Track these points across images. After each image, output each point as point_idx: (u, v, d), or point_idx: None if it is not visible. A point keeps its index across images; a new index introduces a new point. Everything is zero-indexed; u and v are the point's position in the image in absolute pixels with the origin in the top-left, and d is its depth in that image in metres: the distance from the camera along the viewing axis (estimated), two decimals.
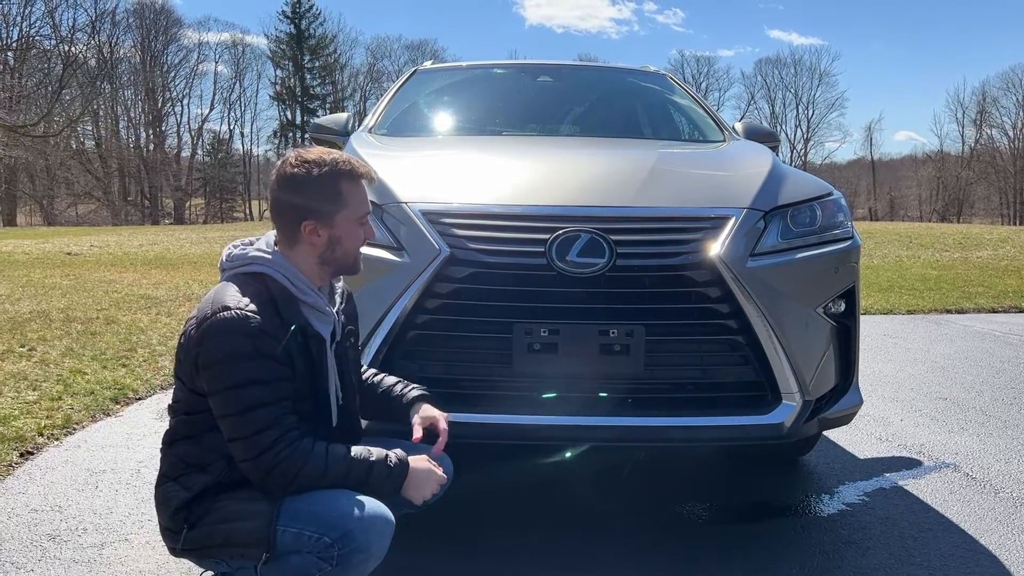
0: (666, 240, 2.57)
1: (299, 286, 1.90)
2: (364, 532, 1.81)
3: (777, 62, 63.94)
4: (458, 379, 2.58)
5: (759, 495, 3.15)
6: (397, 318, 2.52)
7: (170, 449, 1.96)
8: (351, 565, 1.81)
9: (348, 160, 1.94)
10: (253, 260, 1.91)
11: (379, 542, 1.84)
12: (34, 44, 42.68)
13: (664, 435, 2.61)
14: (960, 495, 3.13)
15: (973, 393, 4.77)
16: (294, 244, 1.93)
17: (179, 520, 1.89)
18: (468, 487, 3.13)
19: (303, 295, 1.91)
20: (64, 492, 3.13)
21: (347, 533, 1.80)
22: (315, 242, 1.92)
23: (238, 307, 1.80)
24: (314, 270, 1.95)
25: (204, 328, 1.80)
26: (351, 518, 1.81)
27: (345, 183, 1.92)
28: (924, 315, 8.08)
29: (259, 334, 1.79)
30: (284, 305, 1.87)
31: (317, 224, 1.91)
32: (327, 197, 1.91)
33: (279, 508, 1.83)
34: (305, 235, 1.91)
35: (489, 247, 2.53)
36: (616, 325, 2.50)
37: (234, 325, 1.78)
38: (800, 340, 2.63)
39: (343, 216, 1.93)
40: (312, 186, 1.89)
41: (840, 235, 2.86)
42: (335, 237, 1.93)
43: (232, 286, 1.87)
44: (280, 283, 1.89)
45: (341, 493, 1.85)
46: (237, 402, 1.78)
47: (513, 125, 4.08)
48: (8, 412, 3.98)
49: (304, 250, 1.93)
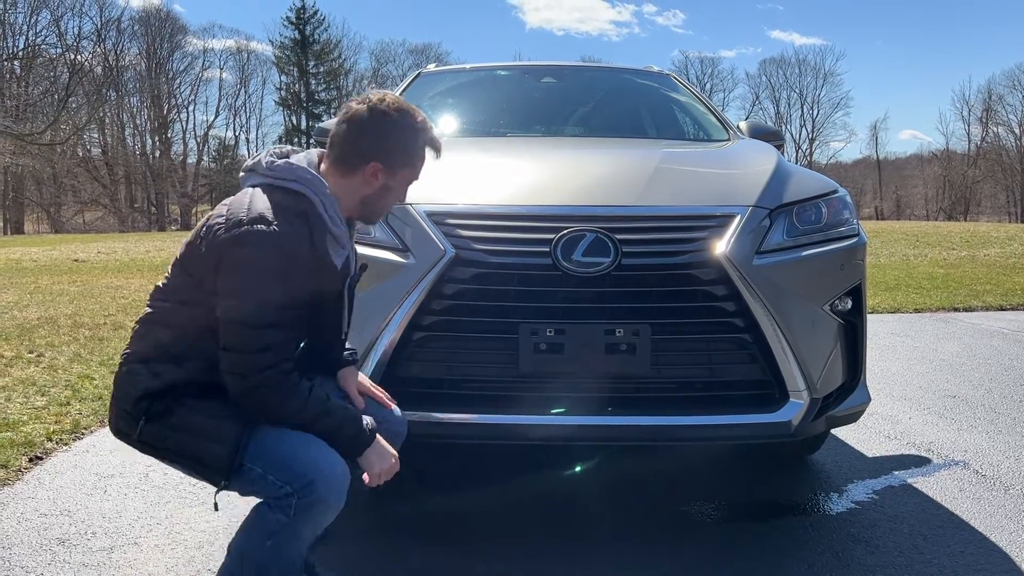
0: (671, 239, 2.57)
1: (332, 216, 1.90)
2: (325, 483, 1.83)
3: (781, 62, 63.88)
4: (464, 380, 2.58)
5: (768, 494, 3.14)
6: (403, 319, 2.52)
7: (149, 331, 1.91)
8: (309, 517, 1.84)
9: (430, 127, 1.99)
10: (299, 179, 1.89)
11: (338, 494, 1.86)
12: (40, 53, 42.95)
13: (671, 434, 2.60)
14: (970, 492, 3.11)
15: (982, 391, 4.75)
16: (349, 175, 1.93)
17: (140, 408, 1.86)
18: (472, 487, 3.14)
19: (333, 225, 1.90)
20: (73, 496, 3.14)
21: (309, 484, 1.81)
22: (371, 183, 1.93)
23: (276, 223, 1.78)
24: (350, 205, 1.96)
25: (237, 234, 1.78)
26: (314, 468, 1.83)
27: (424, 147, 1.97)
28: (932, 313, 8.06)
29: (291, 255, 1.79)
30: (316, 232, 1.87)
31: (383, 169, 1.92)
32: (408, 152, 1.94)
33: (247, 440, 1.82)
34: (367, 172, 1.92)
35: (494, 247, 2.53)
36: (622, 324, 2.50)
37: (269, 241, 1.76)
38: (807, 338, 2.63)
39: (405, 174, 1.97)
40: (401, 133, 1.92)
41: (846, 232, 2.85)
42: (388, 188, 1.96)
43: (273, 199, 1.85)
44: (317, 209, 1.88)
45: (308, 440, 1.86)
46: (251, 315, 1.77)
47: (517, 126, 4.08)
48: (17, 417, 4.00)
49: (355, 185, 1.93)
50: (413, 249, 2.57)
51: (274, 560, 1.86)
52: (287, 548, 1.86)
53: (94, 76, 47.52)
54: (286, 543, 1.85)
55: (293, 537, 1.85)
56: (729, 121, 4.14)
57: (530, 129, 4.06)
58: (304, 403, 1.84)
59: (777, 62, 64.18)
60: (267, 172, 1.91)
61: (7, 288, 9.26)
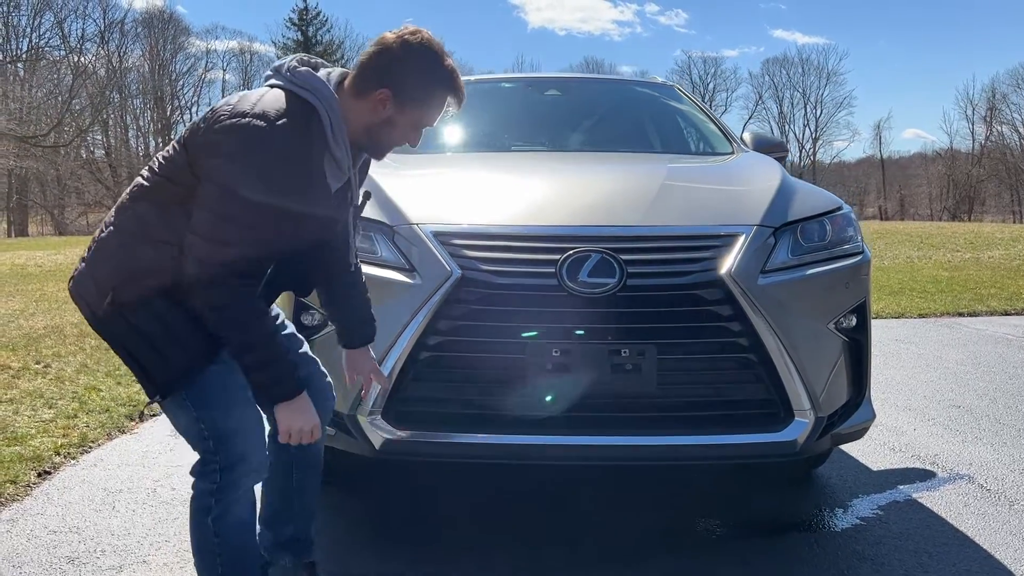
0: (676, 259, 2.58)
1: (336, 135, 1.88)
2: (245, 441, 1.92)
3: (784, 62, 63.81)
4: (471, 400, 2.59)
5: (772, 509, 3.15)
6: (409, 339, 2.53)
7: (133, 204, 1.90)
8: (232, 479, 1.93)
9: (457, 76, 1.93)
10: (313, 89, 1.87)
11: (257, 454, 1.95)
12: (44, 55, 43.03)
13: (677, 454, 2.62)
14: (975, 508, 3.12)
15: (986, 400, 4.76)
16: (359, 97, 1.90)
17: (108, 286, 1.86)
18: (479, 501, 3.15)
19: (335, 145, 1.89)
20: (82, 513, 3.16)
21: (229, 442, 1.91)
22: (378, 111, 1.90)
23: (276, 123, 1.77)
24: (356, 131, 1.93)
25: (239, 125, 1.76)
26: (239, 434, 1.92)
27: (440, 92, 1.92)
28: (936, 318, 8.06)
29: (283, 158, 1.77)
30: (316, 144, 1.86)
31: (391, 97, 1.88)
32: (419, 88, 1.89)
33: (191, 375, 1.86)
34: (375, 98, 1.88)
35: (500, 268, 2.54)
36: (628, 344, 2.51)
37: (264, 137, 1.75)
38: (812, 357, 2.63)
39: (413, 111, 1.91)
40: (419, 68, 1.88)
41: (850, 250, 2.86)
42: (393, 120, 1.91)
43: (282, 101, 1.83)
44: (322, 124, 1.86)
45: (244, 403, 1.93)
46: (230, 205, 1.75)
47: (522, 140, 4.10)
48: (25, 431, 4.02)
49: (363, 110, 1.91)
50: (419, 269, 2.59)
51: (223, 530, 1.96)
52: (228, 515, 1.96)
53: (97, 78, 47.61)
54: (225, 511, 1.95)
55: (230, 504, 1.96)
56: (733, 133, 4.15)
57: (535, 143, 4.07)
58: (247, 321, 1.81)
59: (780, 61, 64.16)
60: (287, 76, 1.89)
61: (13, 295, 9.29)
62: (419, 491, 3.34)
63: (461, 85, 1.95)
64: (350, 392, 2.62)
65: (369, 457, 2.64)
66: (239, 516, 1.99)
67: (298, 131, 1.81)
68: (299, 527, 2.33)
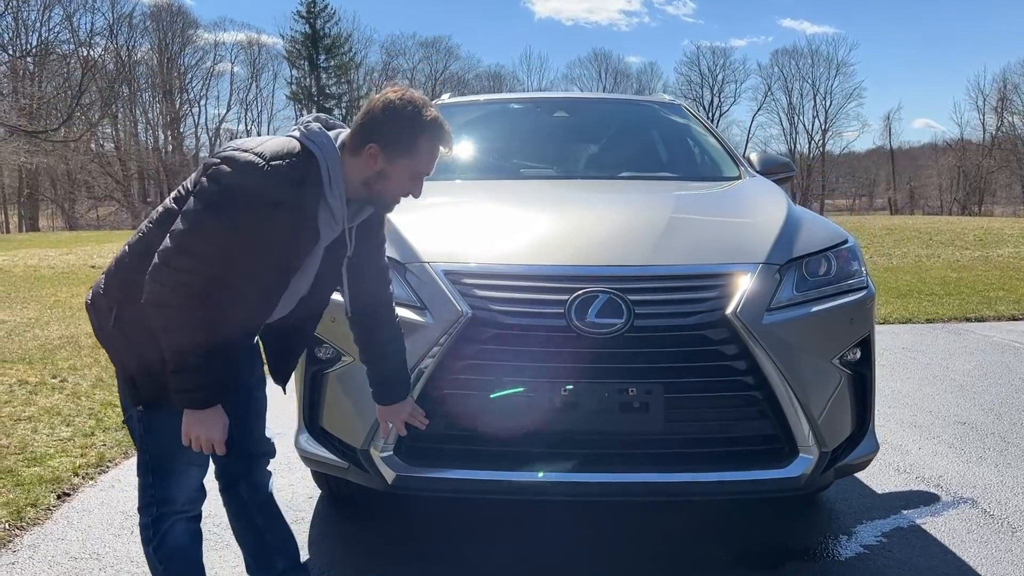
0: (683, 299, 2.63)
1: (334, 186, 1.99)
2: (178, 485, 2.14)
3: (794, 53, 63.41)
4: (482, 438, 2.64)
5: (777, 536, 3.20)
6: (422, 378, 2.59)
7: (149, 229, 2.03)
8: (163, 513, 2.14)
9: (440, 124, 2.02)
10: (318, 142, 1.99)
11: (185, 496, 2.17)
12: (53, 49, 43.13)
13: (683, 490, 2.67)
14: (978, 535, 3.17)
15: (992, 416, 4.79)
16: (355, 155, 2.01)
17: (114, 302, 2.04)
18: (483, 538, 3.20)
19: (329, 194, 1.99)
20: (101, 538, 3.23)
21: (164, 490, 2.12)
22: (369, 165, 2.00)
23: (273, 160, 1.90)
24: (353, 185, 2.04)
25: (233, 156, 1.91)
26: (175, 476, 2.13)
27: (424, 141, 2.01)
28: (943, 324, 8.08)
29: (266, 188, 1.88)
30: (310, 191, 1.96)
31: (380, 152, 1.99)
32: (401, 139, 1.99)
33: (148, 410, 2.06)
34: (365, 154, 1.99)
35: (510, 308, 2.59)
36: (635, 384, 2.57)
37: (252, 170, 1.89)
38: (816, 392, 2.68)
39: (403, 161, 2.01)
40: (398, 121, 1.98)
41: (855, 284, 2.90)
42: (386, 172, 2.01)
43: (288, 146, 1.97)
44: (320, 172, 1.97)
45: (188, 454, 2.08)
46: (198, 222, 1.88)
47: (531, 164, 4.15)
48: (44, 451, 4.10)
49: (357, 164, 2.01)
50: (431, 308, 2.64)
51: (164, 558, 2.16)
52: (165, 544, 2.16)
53: (106, 72, 47.69)
54: (163, 541, 2.16)
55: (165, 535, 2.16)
56: (738, 155, 4.19)
57: (544, 168, 4.12)
58: (184, 322, 1.91)
59: (790, 52, 63.74)
60: (303, 130, 2.03)
61: (28, 302, 9.39)
62: (425, 516, 3.40)
63: (446, 131, 2.05)
64: (363, 427, 2.69)
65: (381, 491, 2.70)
66: (175, 543, 2.18)
67: (293, 174, 1.93)
68: (287, 559, 2.36)
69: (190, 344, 1.93)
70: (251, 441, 2.28)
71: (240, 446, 2.23)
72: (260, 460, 2.32)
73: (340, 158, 2.00)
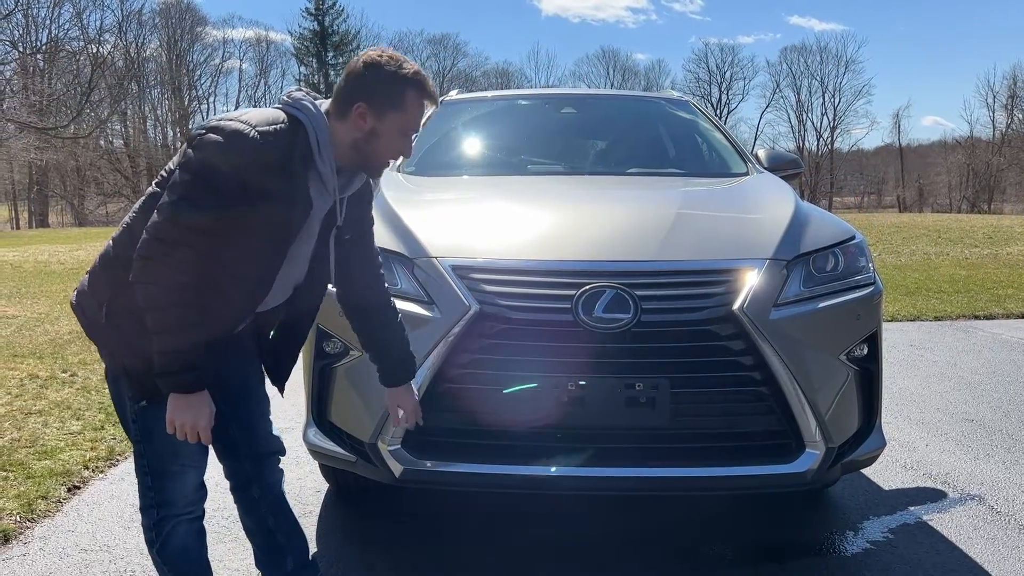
0: (690, 294, 2.64)
1: (322, 150, 1.97)
2: (175, 487, 2.11)
3: (803, 50, 63.06)
4: (489, 432, 2.66)
5: (784, 532, 3.20)
6: (429, 372, 2.60)
7: (134, 219, 1.99)
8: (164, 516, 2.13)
9: (423, 78, 2.03)
10: (303, 108, 1.99)
11: (185, 498, 2.14)
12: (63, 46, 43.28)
13: (690, 485, 2.68)
14: (984, 532, 3.16)
15: (1000, 414, 4.78)
16: (341, 118, 2.00)
17: (104, 297, 1.98)
18: (488, 525, 3.21)
19: (320, 160, 1.97)
20: (111, 530, 3.26)
21: (164, 493, 2.10)
22: (359, 126, 1.99)
23: (260, 127, 1.88)
24: (343, 149, 2.02)
25: (219, 123, 1.89)
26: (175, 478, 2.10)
27: (411, 93, 2.00)
28: (952, 321, 8.05)
29: (254, 156, 1.85)
30: (299, 157, 1.94)
31: (368, 111, 1.98)
32: (389, 93, 1.98)
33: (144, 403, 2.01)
34: (354, 115, 1.98)
35: (517, 303, 2.61)
36: (642, 379, 2.58)
37: (239, 137, 1.85)
38: (823, 388, 2.69)
39: (394, 119, 2.00)
40: (383, 76, 1.98)
41: (862, 280, 2.90)
42: (376, 132, 2.00)
43: (273, 115, 1.95)
44: (308, 137, 1.96)
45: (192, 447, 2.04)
46: (188, 190, 1.84)
47: (538, 160, 4.15)
48: (55, 444, 4.13)
49: (346, 127, 2.00)
50: (438, 303, 2.65)
51: (167, 559, 2.16)
52: (169, 546, 2.15)
53: (116, 69, 47.83)
54: (166, 542, 2.15)
55: (168, 536, 2.15)
56: (746, 152, 4.18)
57: (551, 164, 4.12)
58: (168, 300, 1.85)
59: (798, 50, 63.43)
60: (285, 99, 2.02)
61: (38, 297, 9.45)
62: (432, 510, 3.42)
63: (429, 84, 2.04)
64: (371, 421, 2.70)
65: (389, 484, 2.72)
66: (179, 544, 2.16)
67: (279, 140, 1.91)
68: (296, 557, 2.35)
69: (177, 324, 1.87)
70: (259, 442, 2.27)
71: (248, 448, 2.24)
72: (270, 460, 2.31)
73: (327, 125, 1.99)
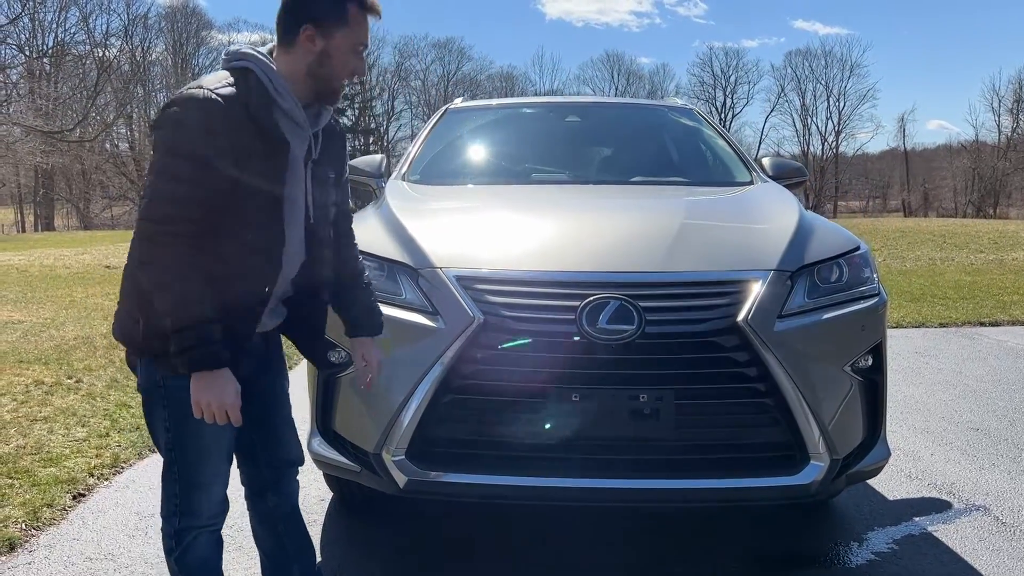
0: (694, 306, 2.63)
1: (278, 88, 1.96)
2: (203, 497, 2.10)
3: (807, 54, 63.21)
4: (493, 442, 2.66)
5: (788, 543, 3.20)
6: (433, 382, 2.60)
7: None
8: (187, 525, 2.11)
9: None
10: (244, 56, 1.98)
11: (211, 509, 2.13)
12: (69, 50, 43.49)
13: (694, 497, 2.68)
14: (989, 543, 3.15)
15: (1005, 423, 4.77)
16: (289, 48, 2.00)
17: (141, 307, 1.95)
18: (492, 536, 3.21)
19: (279, 97, 1.96)
20: (116, 538, 3.26)
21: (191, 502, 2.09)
22: (310, 49, 1.98)
23: (207, 87, 1.88)
24: (299, 81, 2.00)
25: (172, 98, 1.90)
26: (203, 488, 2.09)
27: (353, 7, 2.00)
28: (957, 328, 8.04)
29: (215, 114, 1.85)
30: (257, 102, 1.93)
31: (316, 32, 1.97)
32: (334, 10, 1.98)
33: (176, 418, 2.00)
34: (302, 39, 1.97)
35: (521, 314, 2.61)
36: (646, 390, 2.57)
37: (195, 100, 1.86)
38: (828, 400, 2.68)
39: (342, 35, 1.99)
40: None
41: (867, 292, 2.90)
42: (327, 52, 1.99)
43: (220, 74, 1.95)
44: (260, 80, 1.95)
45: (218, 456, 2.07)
46: (160, 164, 1.85)
47: (542, 169, 4.16)
48: (60, 451, 4.14)
49: (296, 56, 1.99)
50: (443, 313, 2.65)
51: (186, 568, 2.14)
52: (188, 555, 2.14)
53: (122, 72, 48.03)
54: (185, 552, 2.14)
55: (188, 546, 2.13)
56: (750, 160, 4.18)
57: (556, 173, 4.13)
58: (173, 277, 1.85)
59: (803, 54, 63.53)
60: (224, 59, 2.02)
61: (44, 302, 9.48)
62: (435, 519, 3.42)
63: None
64: (375, 431, 2.71)
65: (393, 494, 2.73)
66: (198, 555, 2.15)
67: (235, 92, 1.91)
68: (304, 568, 2.38)
69: (184, 299, 1.85)
70: (282, 449, 2.28)
71: (269, 454, 2.25)
72: (289, 470, 2.32)
73: (272, 62, 1.98)
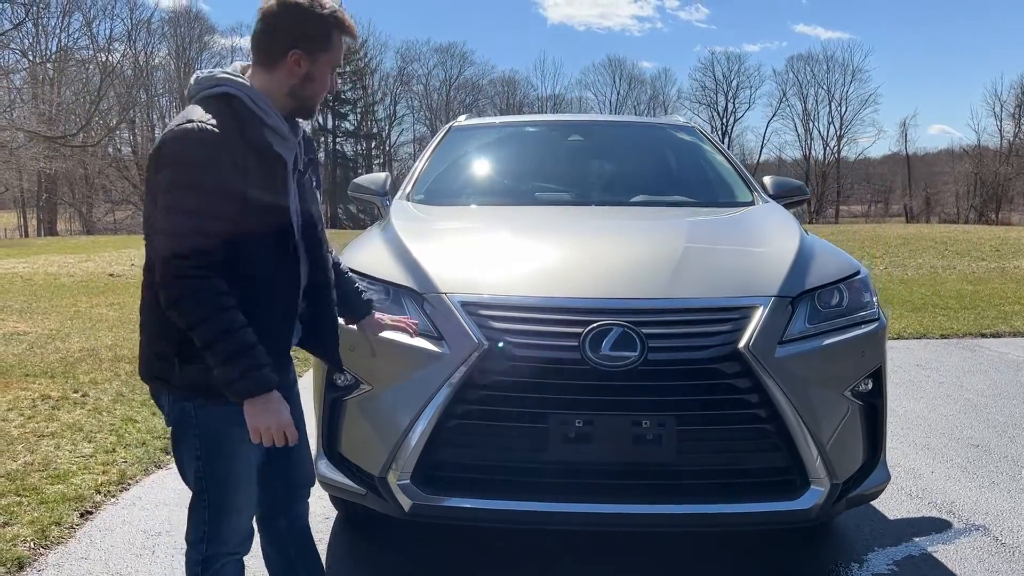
0: (696, 332, 2.67)
1: (263, 108, 2.00)
2: (232, 524, 2.12)
3: (809, 58, 63.36)
4: (496, 467, 2.69)
5: (788, 564, 3.22)
6: (438, 407, 2.64)
7: (147, 268, 2.00)
8: (215, 552, 2.12)
9: (343, 15, 2.08)
10: (221, 81, 2.02)
11: (239, 536, 2.15)
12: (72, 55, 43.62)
13: (696, 522, 2.71)
14: (989, 564, 3.18)
15: (1005, 439, 4.79)
16: (272, 69, 2.03)
17: (174, 346, 1.96)
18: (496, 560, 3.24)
19: (266, 116, 2.00)
20: (123, 558, 3.29)
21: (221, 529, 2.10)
22: (295, 72, 2.03)
23: (200, 120, 1.91)
24: (280, 100, 2.05)
25: (165, 136, 1.92)
26: (233, 514, 2.11)
27: (336, 33, 2.07)
28: (958, 339, 8.06)
29: (215, 144, 1.89)
30: (248, 125, 1.97)
31: (303, 56, 2.02)
32: (321, 36, 2.04)
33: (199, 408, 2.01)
34: (289, 63, 2.02)
35: (525, 340, 2.64)
36: (648, 416, 2.61)
37: (192, 134, 1.89)
38: (828, 425, 2.71)
39: (324, 59, 2.06)
40: (313, 21, 2.02)
41: (867, 316, 2.93)
42: (311, 75, 2.05)
43: (199, 107, 1.97)
44: (247, 104, 1.99)
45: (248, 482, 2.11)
46: (174, 200, 1.87)
47: (545, 188, 4.20)
48: (67, 468, 4.17)
49: (279, 77, 2.04)
50: (448, 339, 2.69)
51: None
52: None
53: (125, 77, 48.17)
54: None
55: (216, 572, 2.14)
56: (752, 180, 4.22)
57: (559, 193, 4.16)
58: (206, 310, 1.86)
59: (805, 58, 63.69)
60: (196, 89, 2.04)
61: (48, 312, 9.52)
62: (440, 539, 3.45)
63: (348, 20, 2.09)
64: (381, 455, 2.74)
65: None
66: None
67: (225, 119, 1.94)
68: None
69: (229, 327, 1.88)
70: (296, 470, 2.30)
71: (284, 475, 2.27)
72: (302, 491, 2.35)
73: (248, 81, 2.02)
